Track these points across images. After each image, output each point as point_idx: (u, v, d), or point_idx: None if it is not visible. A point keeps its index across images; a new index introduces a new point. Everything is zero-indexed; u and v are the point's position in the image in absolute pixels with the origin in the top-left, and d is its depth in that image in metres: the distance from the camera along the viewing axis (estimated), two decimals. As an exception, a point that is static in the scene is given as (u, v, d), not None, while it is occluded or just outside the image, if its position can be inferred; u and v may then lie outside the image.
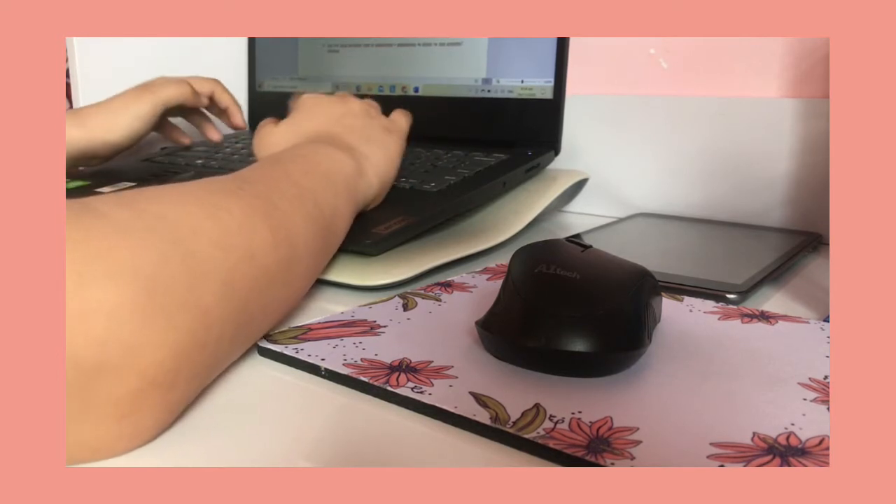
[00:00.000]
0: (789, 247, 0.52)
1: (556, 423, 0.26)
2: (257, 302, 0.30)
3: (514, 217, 0.56)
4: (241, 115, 0.67)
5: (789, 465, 0.23)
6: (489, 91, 0.65)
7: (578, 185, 0.71)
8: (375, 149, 0.48)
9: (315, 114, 0.50)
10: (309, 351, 0.32)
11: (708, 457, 0.24)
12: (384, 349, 0.32)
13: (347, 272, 0.44)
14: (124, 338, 0.22)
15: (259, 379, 0.31)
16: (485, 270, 0.46)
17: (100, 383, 0.22)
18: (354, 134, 0.48)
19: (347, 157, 0.44)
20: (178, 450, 0.25)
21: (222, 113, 0.67)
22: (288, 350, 0.32)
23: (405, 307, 0.38)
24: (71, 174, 0.63)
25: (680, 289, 0.42)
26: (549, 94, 0.62)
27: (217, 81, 0.66)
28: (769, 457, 0.24)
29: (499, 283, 0.43)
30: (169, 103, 0.61)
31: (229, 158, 0.66)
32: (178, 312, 0.25)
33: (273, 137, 0.49)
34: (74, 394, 0.22)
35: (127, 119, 0.59)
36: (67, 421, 0.22)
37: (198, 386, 0.27)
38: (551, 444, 0.24)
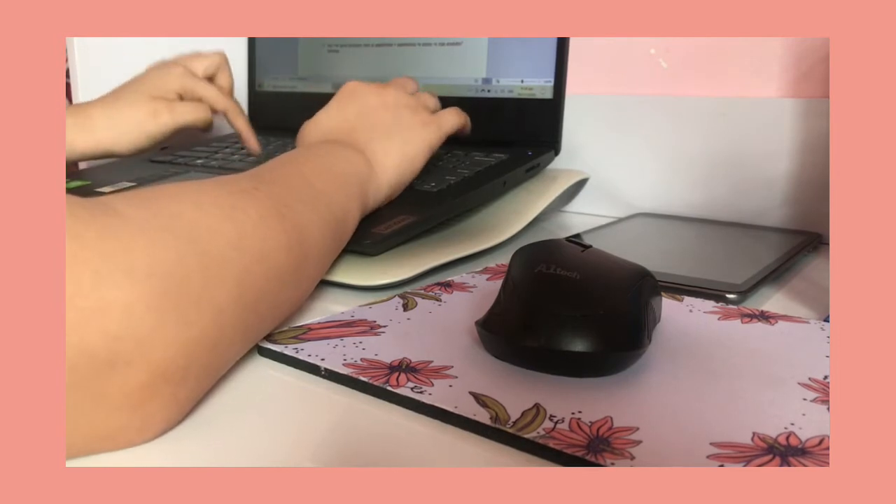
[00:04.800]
0: (789, 247, 0.52)
1: (556, 422, 0.26)
2: (268, 303, 0.30)
3: (514, 217, 0.56)
4: (255, 142, 0.64)
5: (789, 465, 0.23)
6: (489, 91, 0.65)
7: (578, 185, 0.71)
8: (393, 147, 0.47)
9: (348, 104, 0.49)
10: (309, 351, 0.32)
11: (708, 457, 0.24)
12: (384, 349, 0.32)
13: (347, 272, 0.44)
14: (138, 333, 0.23)
15: (259, 379, 0.31)
16: (485, 270, 0.46)
17: (113, 376, 0.23)
18: (375, 130, 0.47)
19: (362, 160, 0.44)
20: (178, 450, 0.25)
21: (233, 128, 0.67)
22: (288, 350, 0.32)
23: (405, 307, 0.38)
24: (70, 173, 0.63)
25: (680, 289, 0.42)
26: (549, 94, 0.62)
27: (233, 105, 0.63)
28: (769, 457, 0.24)
29: (499, 283, 0.43)
30: (184, 127, 0.60)
31: (229, 158, 0.66)
32: (192, 311, 0.25)
33: (306, 129, 0.49)
34: (89, 385, 0.23)
35: (137, 135, 0.58)
36: (82, 411, 0.23)
37: (207, 384, 0.28)
38: (551, 443, 0.24)
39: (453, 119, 0.52)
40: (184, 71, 0.61)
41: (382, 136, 0.47)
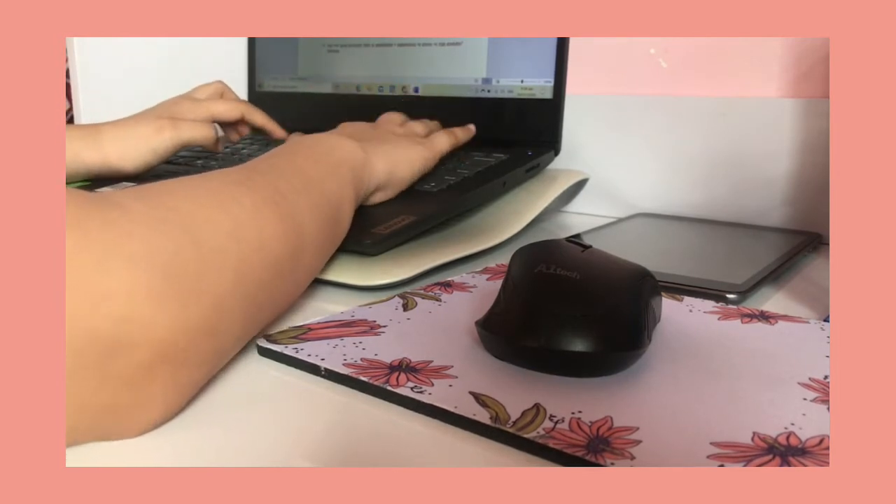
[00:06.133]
0: (789, 247, 0.52)
1: (556, 422, 0.26)
2: (266, 292, 0.31)
3: (514, 217, 0.56)
4: (279, 129, 0.68)
5: (789, 465, 0.23)
6: (489, 91, 0.65)
7: (578, 185, 0.71)
8: (386, 146, 0.49)
9: (343, 128, 0.53)
10: (309, 351, 0.32)
11: (708, 457, 0.24)
12: (384, 349, 0.32)
13: (347, 272, 0.44)
14: (141, 316, 0.24)
15: (259, 379, 0.31)
16: (485, 270, 0.46)
17: (117, 357, 0.24)
18: (369, 138, 0.49)
19: (356, 146, 0.45)
20: (178, 449, 0.25)
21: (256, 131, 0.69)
22: (288, 350, 0.32)
23: (405, 307, 0.38)
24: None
25: (680, 289, 0.42)
26: (548, 94, 0.62)
27: (246, 105, 0.66)
28: (769, 457, 0.24)
29: (499, 283, 0.43)
30: (188, 145, 0.61)
31: (229, 158, 0.66)
32: (192, 297, 0.26)
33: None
34: (95, 368, 0.23)
35: (143, 151, 0.59)
36: (88, 392, 0.24)
37: (206, 371, 0.28)
38: (551, 443, 0.24)
39: (444, 139, 0.56)
40: (191, 102, 0.63)
41: (376, 139, 0.49)
